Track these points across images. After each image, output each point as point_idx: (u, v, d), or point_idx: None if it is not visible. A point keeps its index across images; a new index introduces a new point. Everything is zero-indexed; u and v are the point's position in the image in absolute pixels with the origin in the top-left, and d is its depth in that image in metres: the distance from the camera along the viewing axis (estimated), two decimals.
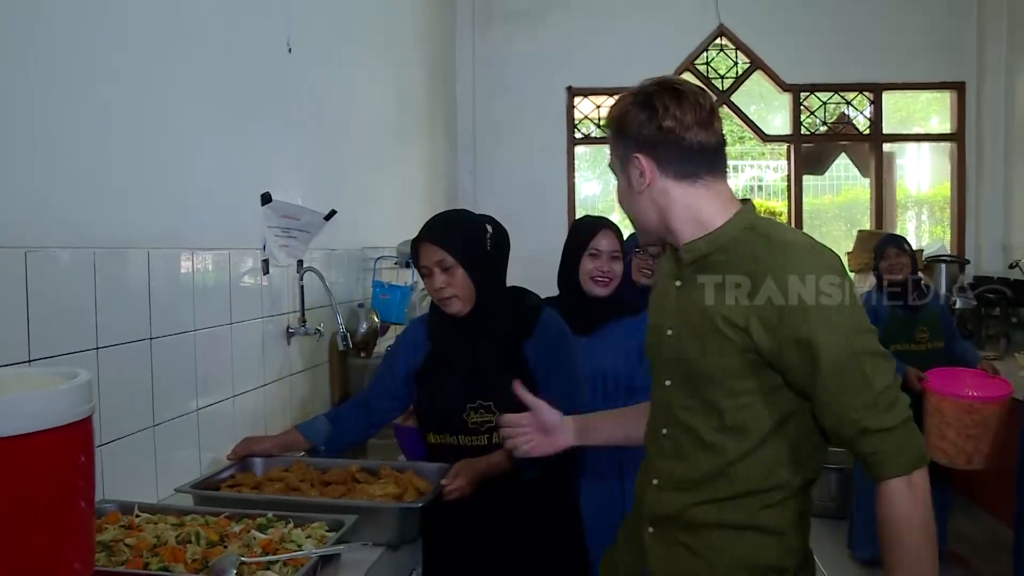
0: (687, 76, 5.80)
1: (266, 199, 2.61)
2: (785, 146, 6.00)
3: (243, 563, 1.39)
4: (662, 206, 1.47)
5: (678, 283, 1.51)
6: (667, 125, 1.42)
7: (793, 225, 5.88)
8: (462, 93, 5.88)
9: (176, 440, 2.12)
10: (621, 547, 1.67)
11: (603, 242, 2.59)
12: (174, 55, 2.13)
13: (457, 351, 2.11)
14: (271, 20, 2.73)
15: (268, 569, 1.39)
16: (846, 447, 1.39)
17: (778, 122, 6.13)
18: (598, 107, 5.90)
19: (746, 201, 1.50)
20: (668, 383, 1.51)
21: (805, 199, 6.09)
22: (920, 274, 4.33)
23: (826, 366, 1.33)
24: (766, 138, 5.88)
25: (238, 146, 2.48)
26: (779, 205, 9.15)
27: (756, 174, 12.34)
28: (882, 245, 4.25)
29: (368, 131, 3.81)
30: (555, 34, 5.83)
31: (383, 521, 1.73)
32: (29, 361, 1.60)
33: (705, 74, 5.78)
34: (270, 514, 1.61)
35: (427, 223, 2.15)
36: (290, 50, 2.83)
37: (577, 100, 5.95)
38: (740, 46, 5.73)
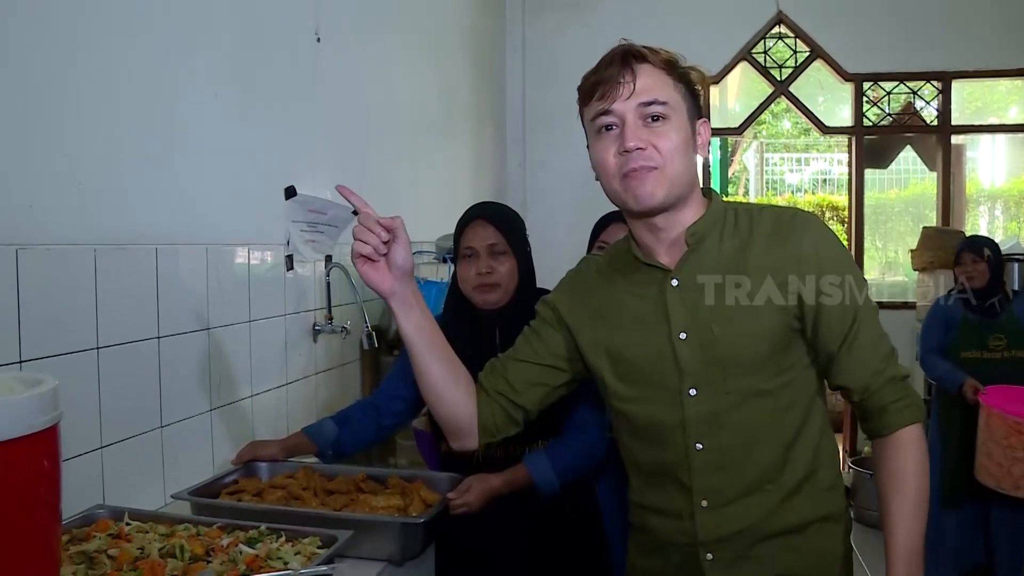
0: (744, 66, 5.60)
1: (290, 193, 2.55)
2: (846, 138, 5.75)
3: None
4: (695, 175, 1.44)
5: (675, 282, 1.43)
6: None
7: (855, 221, 5.64)
8: (512, 85, 5.76)
9: (186, 441, 2.06)
10: None
11: (612, 236, 2.53)
12: (187, 43, 2.06)
13: (473, 355, 2.00)
14: (298, 9, 2.66)
15: None
16: (865, 402, 1.41)
17: (846, 114, 5.86)
18: None
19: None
20: (693, 392, 1.40)
21: (869, 193, 5.86)
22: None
23: (861, 316, 1.39)
24: (826, 130, 5.63)
25: (260, 139, 2.41)
26: (843, 199, 8.87)
27: (822, 167, 12.02)
28: (959, 250, 4.01)
29: (405, 123, 3.72)
30: (608, 23, 5.65)
31: (383, 535, 1.63)
32: (20, 362, 1.56)
33: (763, 63, 5.55)
34: (263, 527, 1.53)
35: (480, 204, 2.07)
36: (319, 39, 2.76)
37: None
38: (800, 34, 5.49)
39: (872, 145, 5.96)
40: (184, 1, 2.05)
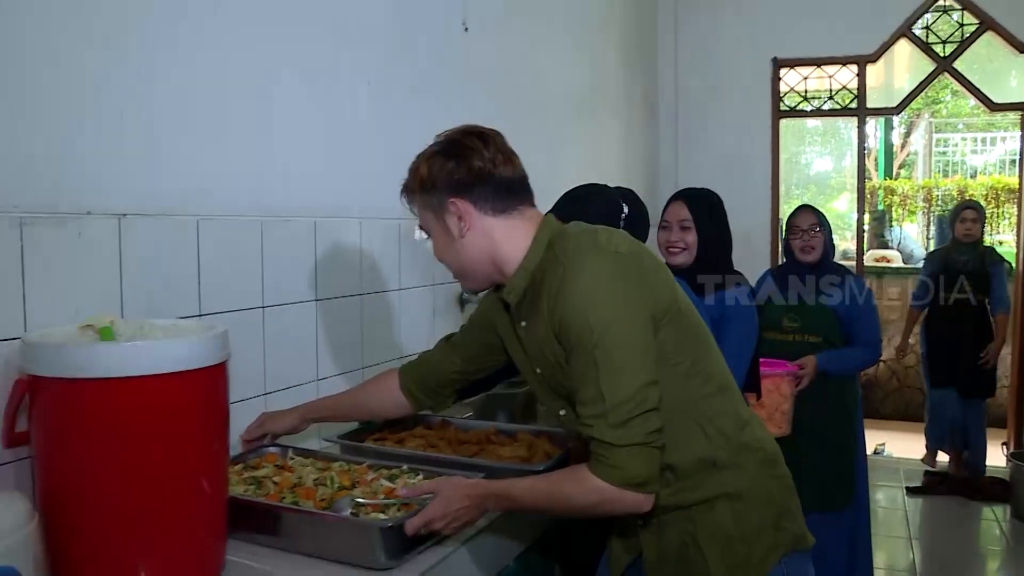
0: (903, 43, 5.38)
1: None
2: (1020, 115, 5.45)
3: (360, 504, 1.51)
4: (487, 246, 1.52)
5: (523, 323, 1.56)
6: (477, 165, 1.49)
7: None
8: (664, 67, 5.79)
9: None
10: (615, 541, 1.69)
11: (673, 213, 2.67)
12: (342, 38, 2.29)
13: None
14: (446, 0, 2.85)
15: (383, 513, 1.50)
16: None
17: None
18: (804, 79, 5.62)
19: (545, 215, 1.58)
20: (563, 413, 1.58)
21: None
22: None
23: (575, 371, 1.40)
24: (994, 107, 5.35)
25: (410, 123, 2.61)
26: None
27: (1013, 147, 11.28)
28: None
29: (552, 106, 3.87)
30: (760, 4, 5.61)
31: None
32: (200, 315, 1.81)
33: (925, 39, 5.33)
34: (405, 466, 1.73)
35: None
36: (466, 29, 2.94)
37: (783, 72, 5.69)
38: (967, 5, 5.23)
39: None
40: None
